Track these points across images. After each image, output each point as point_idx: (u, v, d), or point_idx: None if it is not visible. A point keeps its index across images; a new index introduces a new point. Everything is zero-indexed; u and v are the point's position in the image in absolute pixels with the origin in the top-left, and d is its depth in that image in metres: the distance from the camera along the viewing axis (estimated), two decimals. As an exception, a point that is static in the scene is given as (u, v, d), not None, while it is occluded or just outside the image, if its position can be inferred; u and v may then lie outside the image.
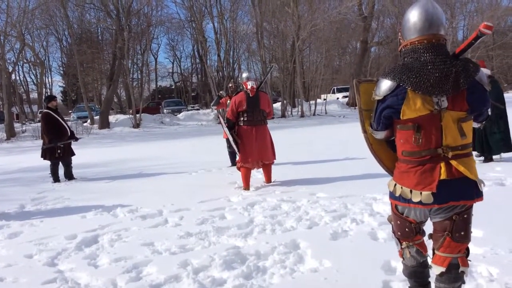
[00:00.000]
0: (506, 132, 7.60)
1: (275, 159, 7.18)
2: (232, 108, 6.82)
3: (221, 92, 11.02)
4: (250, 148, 6.72)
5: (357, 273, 3.32)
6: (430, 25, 2.31)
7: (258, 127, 6.81)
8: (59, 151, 8.50)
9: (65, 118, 9.59)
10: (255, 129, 6.77)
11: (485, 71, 7.31)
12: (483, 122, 2.54)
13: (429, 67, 2.27)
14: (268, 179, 7.12)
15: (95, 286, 3.46)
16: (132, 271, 3.69)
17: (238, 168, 6.91)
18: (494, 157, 7.74)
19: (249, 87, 6.86)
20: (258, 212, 5.29)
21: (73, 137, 9.01)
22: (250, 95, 6.83)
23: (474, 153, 6.80)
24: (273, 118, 6.84)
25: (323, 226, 4.60)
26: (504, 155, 7.86)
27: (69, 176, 8.80)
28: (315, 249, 3.87)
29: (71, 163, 8.87)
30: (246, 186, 6.77)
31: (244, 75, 7.28)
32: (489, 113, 2.48)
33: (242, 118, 6.80)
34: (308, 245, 3.99)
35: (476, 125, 2.49)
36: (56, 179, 8.66)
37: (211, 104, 10.22)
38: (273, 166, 7.18)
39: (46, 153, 8.61)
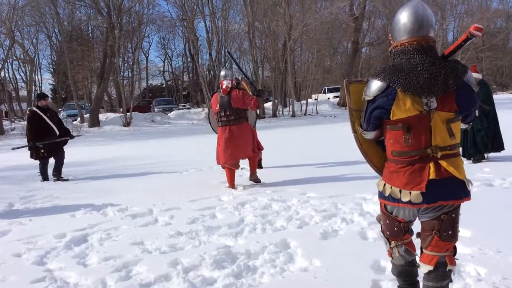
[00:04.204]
0: (493, 130, 7.70)
1: (258, 150, 7.09)
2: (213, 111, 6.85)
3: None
4: (219, 150, 6.72)
5: (347, 272, 3.34)
6: (420, 26, 2.33)
7: (232, 127, 6.65)
8: (42, 151, 8.33)
9: (59, 116, 9.33)
10: (228, 129, 6.65)
11: (477, 76, 7.41)
12: (471, 123, 2.57)
13: (419, 68, 2.30)
14: (251, 169, 7.05)
15: (84, 285, 3.44)
16: (122, 270, 3.67)
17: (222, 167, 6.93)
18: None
19: (224, 86, 6.70)
20: (249, 212, 5.30)
21: (68, 135, 8.85)
22: (223, 95, 6.71)
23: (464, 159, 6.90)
24: (258, 108, 6.55)
25: (314, 225, 4.62)
26: (492, 155, 7.94)
27: (57, 171, 8.56)
28: (305, 249, 3.89)
29: (62, 158, 8.64)
30: (231, 185, 6.77)
31: (222, 73, 6.90)
32: (476, 113, 2.51)
33: (218, 119, 6.79)
34: (298, 245, 4.00)
35: (464, 126, 2.52)
36: (45, 178, 8.55)
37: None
38: (264, 166, 7.15)
39: (32, 153, 8.50)
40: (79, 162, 10.96)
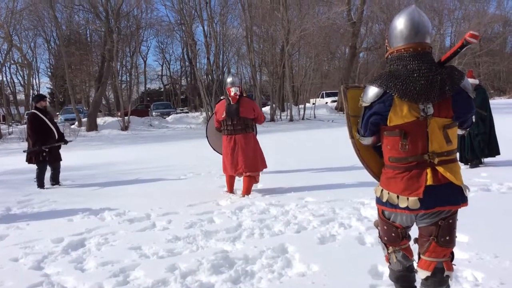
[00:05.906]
0: (490, 135, 7.73)
1: (252, 171, 6.51)
2: (216, 118, 6.73)
3: (222, 97, 10.75)
4: (225, 159, 6.56)
5: (345, 277, 3.34)
6: (416, 33, 2.34)
7: (238, 136, 6.45)
8: (44, 154, 8.12)
9: (54, 120, 9.08)
10: (234, 139, 6.46)
11: (474, 81, 7.44)
12: (468, 129, 2.58)
13: (415, 75, 2.31)
14: (244, 190, 6.55)
15: (81, 290, 3.43)
16: (119, 275, 3.66)
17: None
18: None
19: (232, 93, 6.49)
20: (247, 216, 5.29)
21: (62, 139, 8.57)
22: (232, 103, 6.49)
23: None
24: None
25: (311, 230, 4.62)
26: (489, 160, 7.96)
27: (55, 180, 8.44)
28: (303, 253, 3.89)
29: (59, 167, 8.52)
30: (230, 190, 6.76)
31: (228, 79, 6.70)
32: (473, 119, 2.52)
33: (223, 128, 6.61)
34: (296, 249, 4.00)
35: (460, 132, 2.53)
36: (40, 184, 8.23)
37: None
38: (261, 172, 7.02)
39: (31, 157, 8.24)
40: (76, 166, 10.93)
